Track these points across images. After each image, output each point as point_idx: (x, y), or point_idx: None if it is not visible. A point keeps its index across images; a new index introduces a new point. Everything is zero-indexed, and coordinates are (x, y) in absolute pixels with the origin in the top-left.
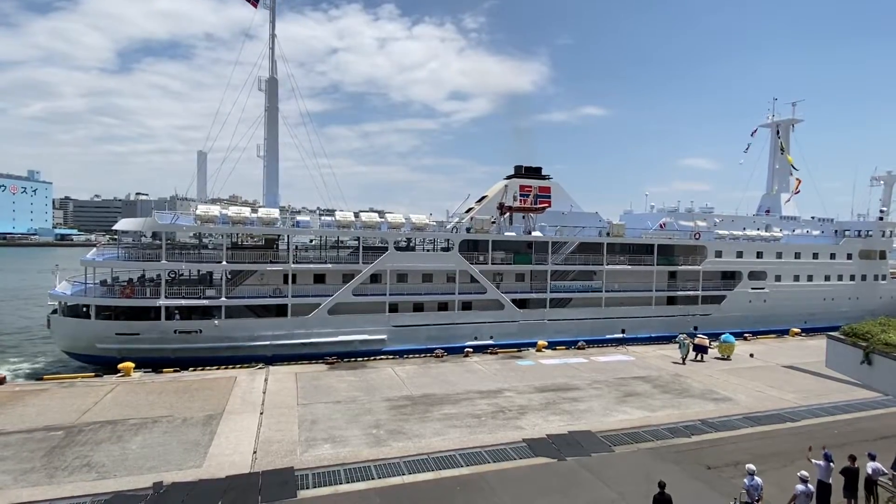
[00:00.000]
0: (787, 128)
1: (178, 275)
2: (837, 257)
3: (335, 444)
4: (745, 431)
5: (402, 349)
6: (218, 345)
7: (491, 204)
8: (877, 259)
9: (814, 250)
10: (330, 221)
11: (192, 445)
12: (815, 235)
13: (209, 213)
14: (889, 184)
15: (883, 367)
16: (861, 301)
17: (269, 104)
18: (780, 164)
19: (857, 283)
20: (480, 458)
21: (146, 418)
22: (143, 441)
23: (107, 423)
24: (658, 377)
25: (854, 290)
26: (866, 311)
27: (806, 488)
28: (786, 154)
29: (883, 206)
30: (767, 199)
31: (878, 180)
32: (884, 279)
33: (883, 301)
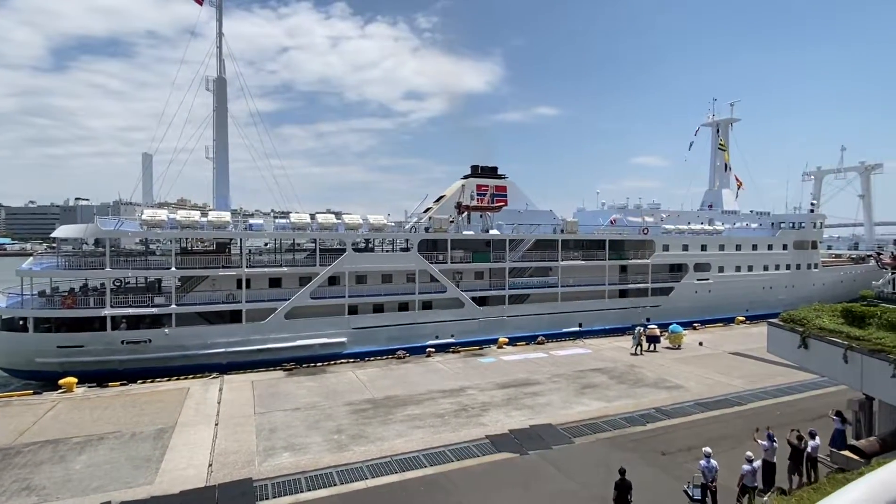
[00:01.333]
0: (726, 126)
1: (125, 283)
2: (774, 248)
3: (295, 452)
4: (697, 417)
5: (362, 351)
6: (169, 354)
7: (449, 203)
8: (809, 249)
9: (753, 242)
10: (285, 224)
11: (142, 462)
12: (754, 228)
13: (156, 218)
14: (819, 179)
15: (818, 351)
16: (796, 288)
17: (217, 104)
18: (720, 161)
19: (793, 271)
20: (444, 457)
21: (91, 436)
22: (89, 460)
23: (47, 443)
24: (614, 368)
25: (790, 279)
26: (801, 298)
27: (751, 467)
28: (725, 151)
29: (813, 199)
30: (710, 194)
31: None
32: (816, 268)
33: (816, 288)
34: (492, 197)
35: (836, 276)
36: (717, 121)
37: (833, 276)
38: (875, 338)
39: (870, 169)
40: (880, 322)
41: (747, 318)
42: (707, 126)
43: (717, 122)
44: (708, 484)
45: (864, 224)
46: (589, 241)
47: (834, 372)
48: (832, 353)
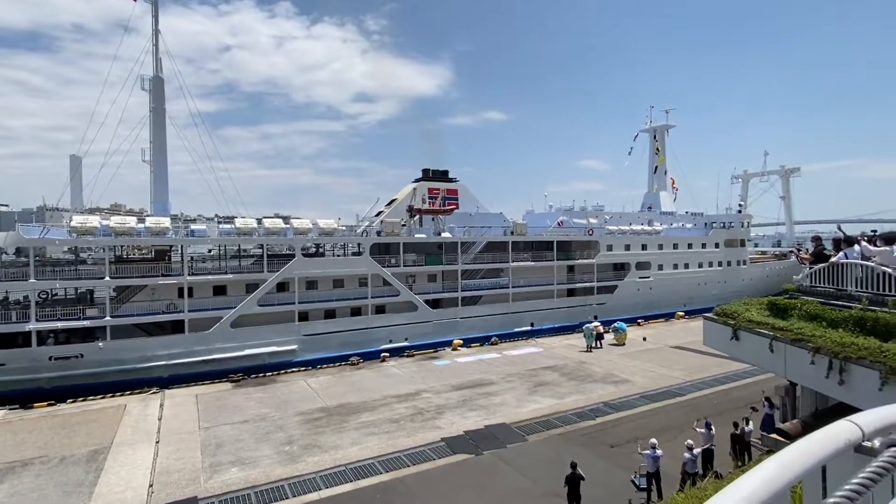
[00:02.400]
0: (662, 132)
1: (52, 294)
2: (707, 247)
3: (244, 467)
4: (642, 409)
5: (314, 358)
6: (104, 369)
7: (401, 207)
8: (738, 247)
9: (688, 241)
10: (229, 229)
11: (73, 487)
12: (689, 228)
13: (87, 225)
14: (745, 181)
15: (748, 342)
16: (728, 284)
17: (154, 104)
18: (658, 165)
19: (724, 268)
20: (400, 462)
21: (13, 462)
22: (11, 489)
23: None
24: (565, 366)
25: (722, 275)
26: (732, 293)
27: (692, 455)
28: (660, 156)
29: (741, 200)
30: (649, 196)
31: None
32: (745, 264)
33: (745, 283)
34: (443, 200)
35: (762, 271)
36: (654, 127)
37: (759, 272)
38: (796, 328)
39: (789, 172)
40: (800, 313)
41: (686, 313)
42: (645, 132)
43: (655, 128)
44: (653, 473)
45: (785, 223)
46: (538, 242)
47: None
48: (760, 344)
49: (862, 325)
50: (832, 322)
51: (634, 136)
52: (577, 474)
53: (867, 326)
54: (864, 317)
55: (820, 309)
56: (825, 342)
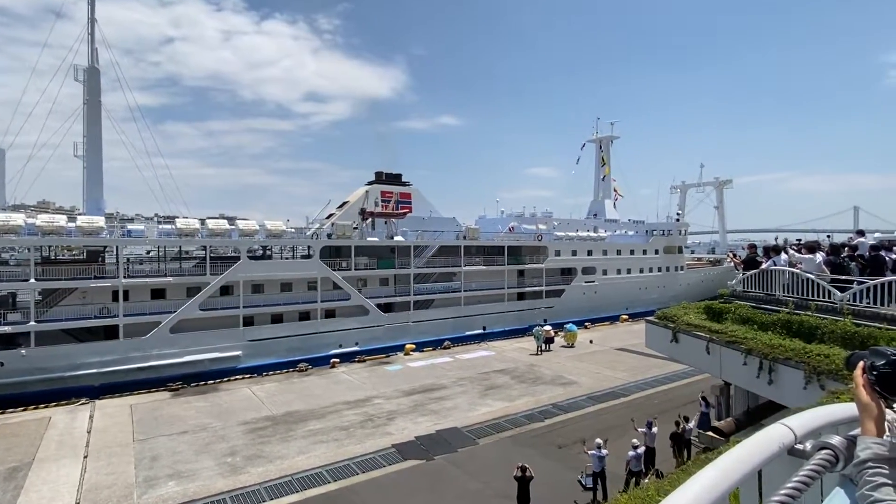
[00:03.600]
0: (607, 143)
1: None
2: (648, 253)
3: (182, 480)
4: (588, 410)
5: (260, 365)
6: (26, 378)
7: (353, 209)
8: (676, 253)
9: (630, 247)
10: (170, 230)
11: None
12: (631, 235)
13: (10, 223)
14: (683, 191)
15: (686, 344)
16: (667, 289)
17: (88, 97)
18: (603, 174)
19: (663, 273)
20: (349, 470)
21: None
22: None
23: None
24: (515, 369)
25: (661, 280)
26: (670, 297)
27: (636, 454)
28: (605, 166)
29: (679, 209)
30: (595, 204)
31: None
32: (682, 269)
33: (682, 287)
34: (396, 204)
35: (698, 276)
36: (599, 138)
37: (695, 277)
38: (730, 331)
39: (723, 184)
40: (734, 317)
41: (630, 316)
42: (591, 142)
43: (600, 139)
44: (598, 472)
45: (719, 231)
46: (489, 247)
47: (699, 362)
48: (697, 346)
49: (788, 327)
50: (762, 325)
51: (581, 146)
52: (527, 475)
53: (793, 329)
54: (791, 320)
55: (751, 313)
56: (756, 344)
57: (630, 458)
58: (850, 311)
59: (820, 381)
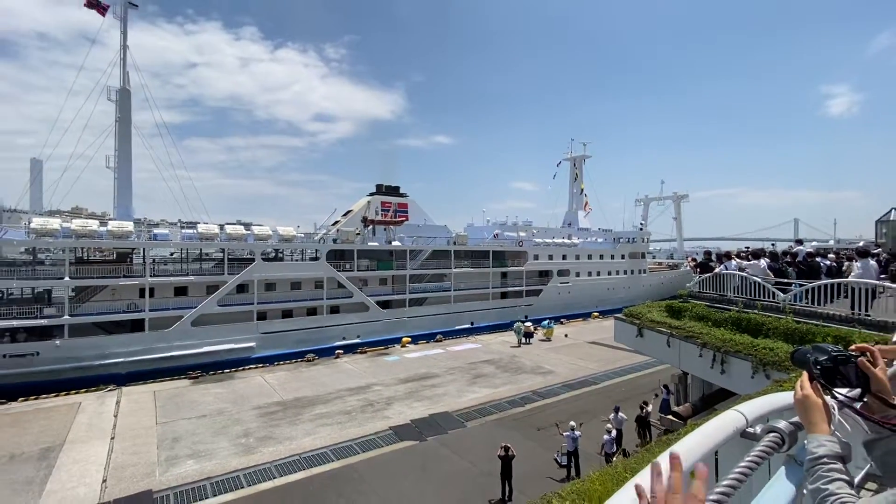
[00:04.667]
0: (580, 162)
1: (8, 294)
2: (615, 258)
3: (200, 459)
4: (563, 396)
5: (271, 355)
6: (60, 367)
7: (356, 217)
8: (640, 258)
9: (600, 253)
10: (192, 234)
11: (22, 485)
12: (601, 242)
13: (47, 227)
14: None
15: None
16: (632, 290)
17: (120, 115)
18: (577, 189)
19: (629, 276)
20: (351, 450)
21: None
22: None
23: None
24: (500, 359)
25: (627, 282)
26: (635, 297)
27: (610, 437)
28: (579, 181)
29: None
30: (569, 214)
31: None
32: (644, 273)
33: (644, 289)
34: (394, 213)
35: (659, 279)
36: (574, 157)
37: (656, 279)
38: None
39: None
40: (691, 314)
41: (601, 313)
42: (567, 160)
43: (574, 157)
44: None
45: (677, 239)
46: (476, 251)
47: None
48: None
49: (738, 324)
50: (716, 322)
51: (557, 163)
52: (509, 454)
53: (742, 325)
54: (740, 317)
55: (706, 311)
56: (710, 338)
57: (605, 442)
58: (792, 309)
59: (766, 371)
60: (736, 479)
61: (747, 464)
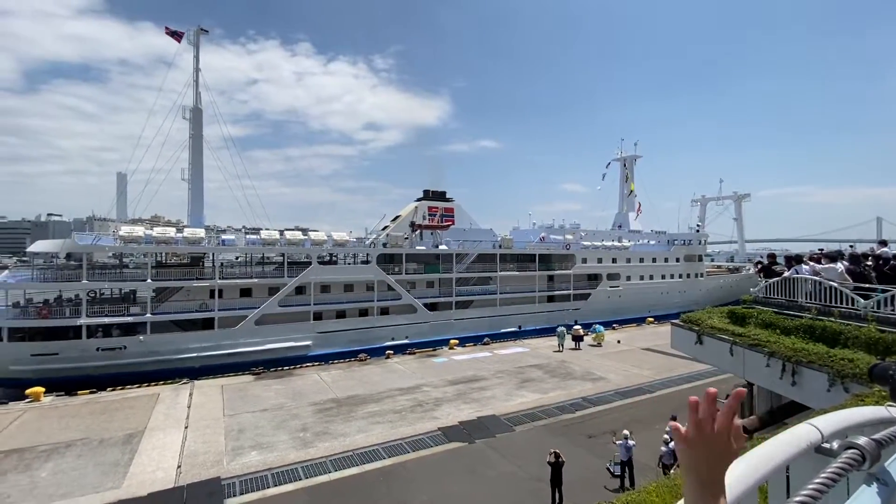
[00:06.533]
0: (631, 162)
1: (99, 294)
2: (669, 261)
3: (262, 451)
4: (616, 404)
5: (326, 353)
6: (144, 360)
7: (404, 222)
8: (696, 261)
9: (652, 256)
10: (255, 239)
11: (110, 467)
12: (653, 244)
13: (133, 234)
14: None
15: (710, 345)
16: (687, 294)
17: (193, 131)
18: (627, 190)
19: (684, 280)
20: (401, 449)
21: (58, 443)
22: (55, 467)
23: (12, 452)
24: (548, 364)
25: (681, 286)
26: (691, 302)
27: (668, 448)
28: (630, 182)
29: (699, 221)
30: (619, 216)
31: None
32: (702, 276)
33: (701, 293)
34: (441, 217)
35: (717, 283)
36: (624, 157)
37: (714, 284)
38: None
39: (741, 197)
40: (757, 321)
41: (655, 318)
42: (616, 161)
43: (625, 157)
44: (626, 461)
45: (738, 241)
46: (522, 254)
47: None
48: (721, 348)
49: (812, 332)
50: (785, 329)
51: (607, 164)
52: (559, 461)
53: (816, 334)
54: (814, 325)
55: (774, 318)
56: (779, 347)
57: (663, 453)
58: (874, 317)
59: (844, 384)
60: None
61: (823, 480)
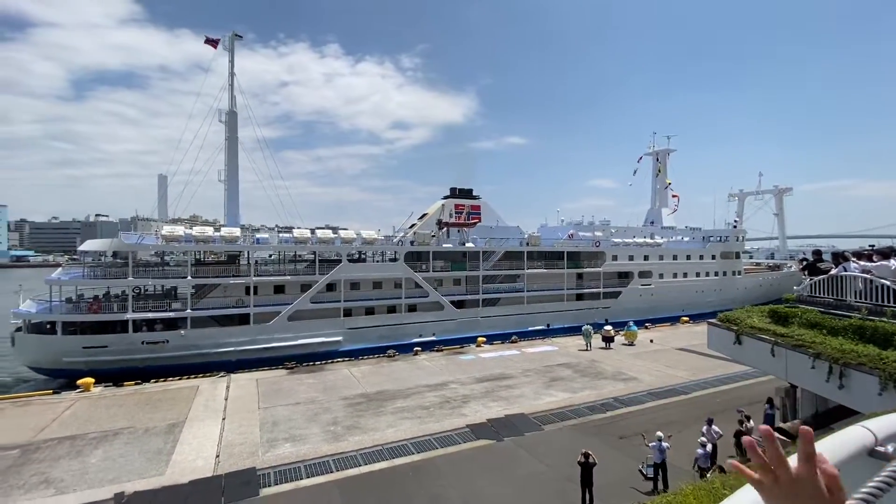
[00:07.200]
0: (664, 156)
1: (143, 290)
2: (704, 258)
3: (295, 443)
4: (649, 405)
5: (356, 349)
6: (185, 353)
7: (431, 220)
8: (733, 259)
9: (686, 253)
10: (288, 238)
11: (154, 454)
12: (687, 241)
13: (174, 233)
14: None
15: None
16: (723, 292)
17: (229, 134)
18: (660, 184)
19: (720, 278)
20: (430, 444)
21: (107, 431)
22: (104, 454)
23: (65, 439)
24: (578, 363)
25: (717, 284)
26: (727, 301)
27: (704, 451)
28: (663, 177)
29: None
30: (652, 212)
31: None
32: (739, 274)
33: (739, 292)
34: (468, 215)
35: (756, 281)
36: (656, 151)
37: (753, 282)
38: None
39: (782, 192)
40: (801, 321)
41: (690, 317)
42: (648, 155)
43: (657, 152)
44: (659, 463)
45: (779, 238)
46: (550, 252)
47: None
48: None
49: (861, 333)
50: (832, 330)
51: (638, 159)
52: (590, 461)
53: (866, 335)
54: (864, 325)
55: (820, 317)
56: (825, 348)
57: (699, 456)
58: None
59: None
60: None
61: (878, 484)
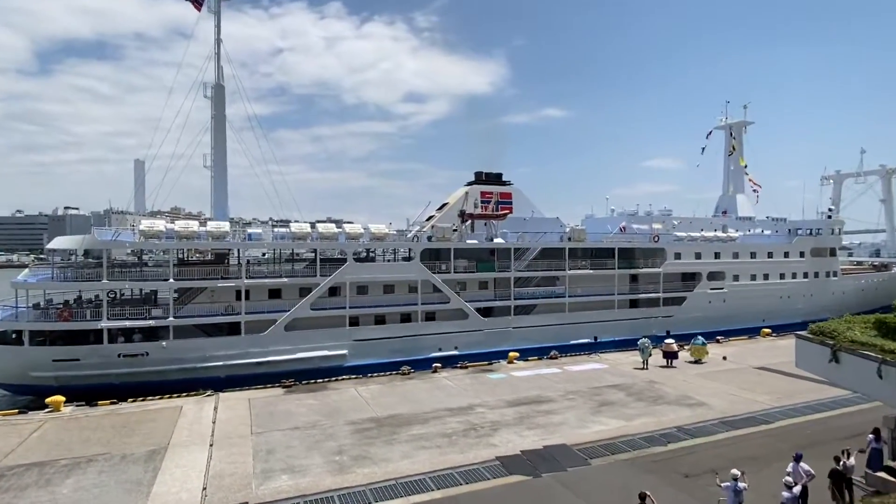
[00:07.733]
0: (739, 129)
1: (120, 294)
2: (791, 256)
3: (294, 475)
4: (721, 436)
5: (364, 364)
6: (167, 367)
7: (452, 211)
8: (827, 256)
9: (768, 250)
10: (284, 233)
11: (133, 485)
12: (770, 235)
13: (154, 229)
14: (838, 182)
15: (849, 365)
16: (815, 298)
17: (215, 111)
18: (734, 165)
19: (811, 280)
20: (452, 479)
21: (79, 458)
22: (76, 483)
23: (33, 466)
24: (632, 385)
25: (808, 288)
26: (820, 308)
27: (792, 494)
28: (738, 156)
29: (832, 204)
30: (724, 199)
31: (828, 179)
32: (835, 276)
33: (835, 297)
34: (496, 204)
35: (857, 284)
36: (729, 124)
37: (854, 285)
38: None
39: (891, 172)
40: None
41: (773, 329)
42: (720, 129)
43: (730, 125)
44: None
45: (887, 229)
46: (598, 249)
47: (868, 387)
48: (865, 368)
49: None
50: None
51: (708, 133)
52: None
53: None
54: None
55: None
56: None
57: (785, 500)
58: None
59: None
60: None
61: None
